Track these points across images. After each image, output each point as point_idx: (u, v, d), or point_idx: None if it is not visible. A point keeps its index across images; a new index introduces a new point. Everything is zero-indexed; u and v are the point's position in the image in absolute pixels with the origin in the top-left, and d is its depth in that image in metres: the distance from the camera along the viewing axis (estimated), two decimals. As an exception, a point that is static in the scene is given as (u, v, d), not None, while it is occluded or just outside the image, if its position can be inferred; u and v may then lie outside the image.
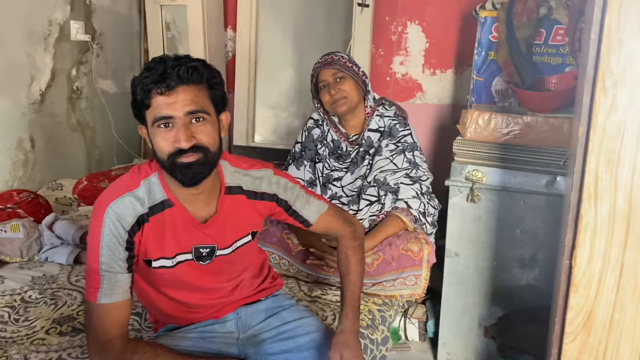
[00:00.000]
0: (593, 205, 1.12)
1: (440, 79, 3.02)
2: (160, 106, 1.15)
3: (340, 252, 1.51)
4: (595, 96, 1.07)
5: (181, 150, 1.16)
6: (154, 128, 1.18)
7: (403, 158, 2.02)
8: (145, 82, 1.15)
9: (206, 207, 1.30)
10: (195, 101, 1.17)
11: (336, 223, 1.51)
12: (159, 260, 1.28)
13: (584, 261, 1.15)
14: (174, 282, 1.33)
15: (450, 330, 2.22)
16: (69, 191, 2.85)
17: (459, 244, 2.14)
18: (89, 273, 1.21)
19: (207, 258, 1.33)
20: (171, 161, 1.17)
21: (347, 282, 1.46)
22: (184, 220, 1.27)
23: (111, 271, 1.19)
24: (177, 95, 1.15)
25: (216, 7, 3.38)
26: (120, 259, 1.20)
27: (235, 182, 1.35)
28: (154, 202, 1.25)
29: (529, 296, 2.08)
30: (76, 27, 3.06)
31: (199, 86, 1.18)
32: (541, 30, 2.17)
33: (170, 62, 1.16)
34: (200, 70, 1.18)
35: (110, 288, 1.19)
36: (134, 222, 1.22)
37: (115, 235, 1.20)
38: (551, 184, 1.98)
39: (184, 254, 1.30)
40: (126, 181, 1.26)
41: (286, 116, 3.55)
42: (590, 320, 1.18)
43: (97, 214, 1.21)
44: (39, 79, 2.87)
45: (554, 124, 1.94)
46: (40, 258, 2.11)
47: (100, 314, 1.19)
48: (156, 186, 1.26)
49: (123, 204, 1.21)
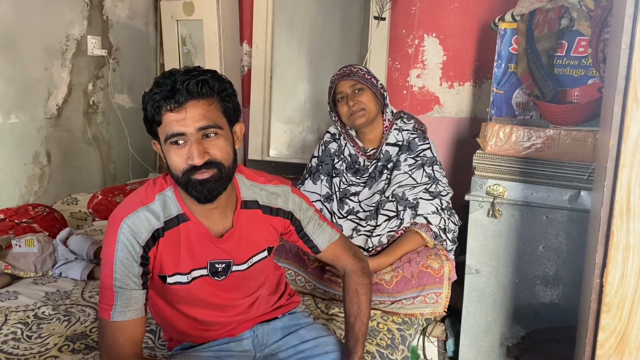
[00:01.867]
0: (625, 221, 1.07)
1: (458, 91, 2.99)
2: (171, 123, 1.13)
3: (349, 289, 1.44)
4: (627, 107, 1.03)
5: (195, 167, 1.14)
6: (166, 145, 1.16)
7: (422, 173, 1.98)
8: (155, 99, 1.13)
9: (222, 221, 1.28)
10: (206, 116, 1.14)
11: (346, 256, 1.47)
12: (174, 277, 1.25)
13: (617, 280, 1.10)
14: (189, 299, 1.30)
15: (471, 349, 2.16)
16: (84, 205, 2.84)
17: (479, 260, 2.08)
18: (102, 289, 1.19)
19: (223, 274, 1.30)
20: (186, 178, 1.15)
21: (359, 323, 1.40)
22: (200, 234, 1.25)
23: (125, 287, 1.17)
24: (186, 111, 1.13)
25: (232, 22, 3.39)
26: (135, 275, 1.18)
27: (251, 196, 1.33)
28: (169, 217, 1.23)
29: (553, 315, 2.02)
30: (93, 42, 3.09)
31: (209, 100, 1.16)
32: (563, 42, 2.13)
33: (179, 77, 1.13)
34: (210, 83, 1.15)
35: (124, 305, 1.16)
36: (149, 237, 1.20)
37: (130, 251, 1.18)
38: (575, 199, 1.92)
39: (199, 270, 1.27)
40: (141, 195, 1.24)
41: (301, 130, 3.53)
42: (623, 342, 1.12)
43: (111, 229, 1.19)
44: (55, 94, 2.89)
45: (577, 137, 1.89)
46: (54, 273, 2.09)
47: (114, 332, 1.16)
48: (171, 200, 1.24)
49: (138, 219, 1.20)
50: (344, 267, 1.47)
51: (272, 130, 3.54)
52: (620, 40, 1.05)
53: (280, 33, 3.44)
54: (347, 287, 1.45)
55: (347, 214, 2.04)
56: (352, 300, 1.42)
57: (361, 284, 1.44)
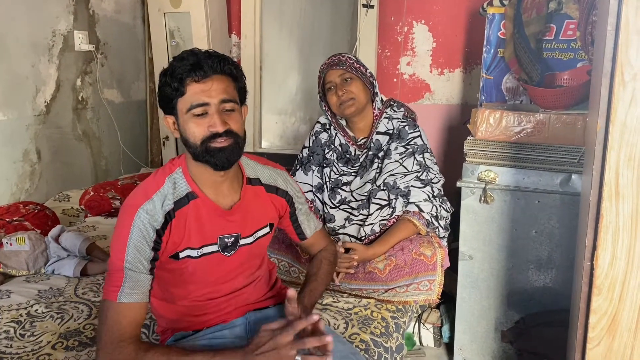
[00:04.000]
0: (614, 203, 1.07)
1: (449, 78, 2.98)
2: (196, 93, 1.22)
3: (316, 259, 1.62)
4: (614, 90, 1.03)
5: (215, 135, 1.22)
6: (187, 115, 1.23)
7: (413, 161, 1.98)
8: (180, 71, 1.21)
9: (230, 194, 1.35)
10: (227, 90, 1.25)
11: (325, 241, 1.65)
12: (185, 251, 1.30)
13: (607, 262, 1.10)
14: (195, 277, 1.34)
15: (466, 335, 2.17)
16: (76, 202, 2.83)
17: (472, 246, 2.09)
18: (111, 272, 1.22)
19: (232, 248, 1.36)
20: (205, 146, 1.23)
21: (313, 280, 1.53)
22: (209, 210, 1.31)
23: (135, 270, 1.21)
24: (212, 82, 1.22)
25: (220, 13, 3.37)
26: (145, 259, 1.23)
27: (254, 174, 1.42)
28: (179, 196, 1.29)
29: (547, 298, 2.03)
30: (80, 37, 3.06)
31: (229, 78, 1.26)
32: (551, 26, 2.12)
33: (202, 54, 1.23)
34: (229, 62, 1.26)
35: (132, 287, 1.20)
36: (163, 220, 1.25)
37: (144, 235, 1.22)
38: (566, 183, 1.93)
39: (210, 246, 1.33)
40: (151, 182, 1.30)
41: (293, 121, 3.52)
42: (614, 324, 1.13)
43: (127, 216, 1.23)
44: (43, 90, 2.86)
45: (568, 121, 1.89)
46: (46, 271, 2.08)
47: (118, 313, 1.18)
48: (180, 180, 1.30)
49: (152, 204, 1.25)
50: (320, 248, 1.64)
51: (263, 122, 3.53)
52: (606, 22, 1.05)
53: (269, 23, 3.42)
54: (315, 258, 1.62)
55: (339, 204, 2.04)
56: (314, 264, 1.59)
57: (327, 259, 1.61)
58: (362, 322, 1.68)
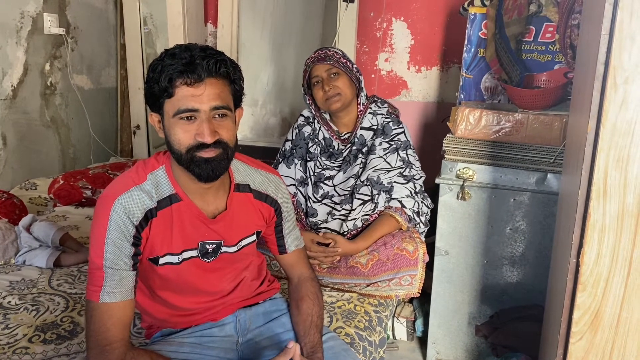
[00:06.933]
0: (601, 202, 1.11)
1: (426, 76, 3.01)
2: (185, 97, 1.12)
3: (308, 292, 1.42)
4: (605, 92, 1.06)
5: (201, 145, 1.13)
6: (173, 119, 1.14)
7: (397, 157, 1.99)
8: (170, 69, 1.10)
9: (215, 201, 1.27)
10: (221, 96, 1.14)
11: (304, 263, 1.49)
12: (166, 257, 1.24)
13: (592, 259, 1.14)
14: (176, 283, 1.28)
15: (440, 329, 2.21)
16: (43, 191, 2.74)
17: (448, 242, 2.13)
18: (91, 271, 1.16)
19: (212, 255, 1.29)
20: (190, 155, 1.14)
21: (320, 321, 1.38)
22: (192, 215, 1.24)
23: (115, 268, 1.14)
24: (205, 87, 1.12)
25: (196, 1, 3.30)
26: (126, 255, 1.16)
27: (244, 179, 1.33)
28: (161, 196, 1.21)
29: (519, 294, 2.08)
30: (49, 20, 2.95)
31: (224, 81, 1.16)
32: (531, 28, 2.17)
33: (197, 52, 1.12)
34: (227, 64, 1.15)
35: (114, 286, 1.14)
36: (142, 216, 1.18)
37: (123, 231, 1.15)
38: (541, 182, 1.98)
39: (189, 251, 1.26)
40: (132, 175, 1.22)
41: (264, 114, 3.50)
42: (597, 319, 1.17)
43: (103, 208, 1.16)
44: (10, 74, 2.75)
45: (545, 121, 1.94)
46: (17, 261, 2.01)
47: (102, 314, 1.13)
48: (163, 180, 1.22)
49: (131, 198, 1.17)
50: (300, 275, 1.47)
51: (237, 114, 3.48)
52: (599, 27, 1.08)
53: (246, 13, 3.37)
54: (305, 292, 1.42)
55: (321, 198, 2.04)
56: (313, 303, 1.40)
57: (317, 290, 1.44)
58: (346, 315, 1.69)
